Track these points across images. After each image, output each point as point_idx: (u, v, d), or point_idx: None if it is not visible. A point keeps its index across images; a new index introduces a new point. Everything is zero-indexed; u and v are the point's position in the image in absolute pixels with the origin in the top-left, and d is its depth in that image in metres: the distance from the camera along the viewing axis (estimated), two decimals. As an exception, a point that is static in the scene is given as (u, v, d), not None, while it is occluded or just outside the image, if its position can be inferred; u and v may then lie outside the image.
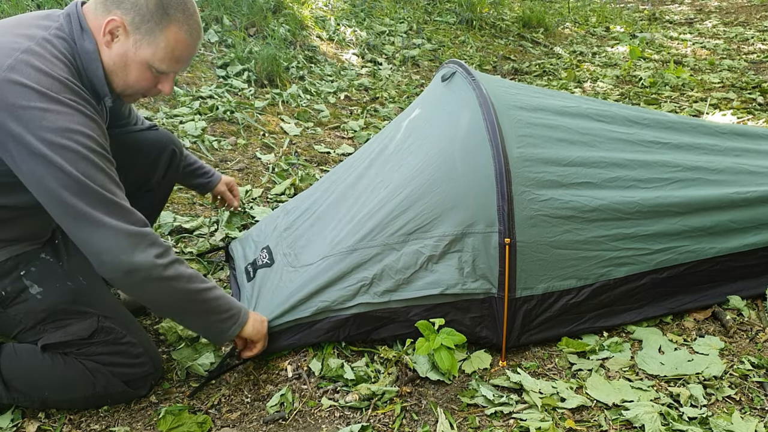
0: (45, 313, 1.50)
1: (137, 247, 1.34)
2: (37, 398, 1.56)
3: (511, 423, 1.58)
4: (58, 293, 1.51)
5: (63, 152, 1.27)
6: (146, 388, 1.64)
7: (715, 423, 1.53)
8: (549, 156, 1.80)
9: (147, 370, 1.62)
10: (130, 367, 1.59)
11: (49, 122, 1.26)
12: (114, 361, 1.56)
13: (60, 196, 1.29)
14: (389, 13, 6.33)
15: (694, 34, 7.11)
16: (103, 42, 1.39)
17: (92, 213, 1.31)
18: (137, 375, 1.60)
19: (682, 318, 2.00)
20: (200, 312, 1.51)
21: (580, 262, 1.80)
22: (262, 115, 3.71)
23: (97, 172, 1.32)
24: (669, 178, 1.91)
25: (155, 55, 1.41)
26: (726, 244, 1.94)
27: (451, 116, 1.91)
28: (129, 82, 1.44)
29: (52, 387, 1.55)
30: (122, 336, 1.57)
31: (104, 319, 1.55)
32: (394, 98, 4.43)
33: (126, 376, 1.59)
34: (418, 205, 1.77)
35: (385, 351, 1.77)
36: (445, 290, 1.73)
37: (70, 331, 1.52)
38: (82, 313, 1.53)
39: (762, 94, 4.42)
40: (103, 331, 1.55)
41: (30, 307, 1.49)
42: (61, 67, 1.33)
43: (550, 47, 6.36)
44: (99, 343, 1.55)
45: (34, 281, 1.49)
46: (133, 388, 1.61)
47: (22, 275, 1.48)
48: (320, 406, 1.65)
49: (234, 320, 1.57)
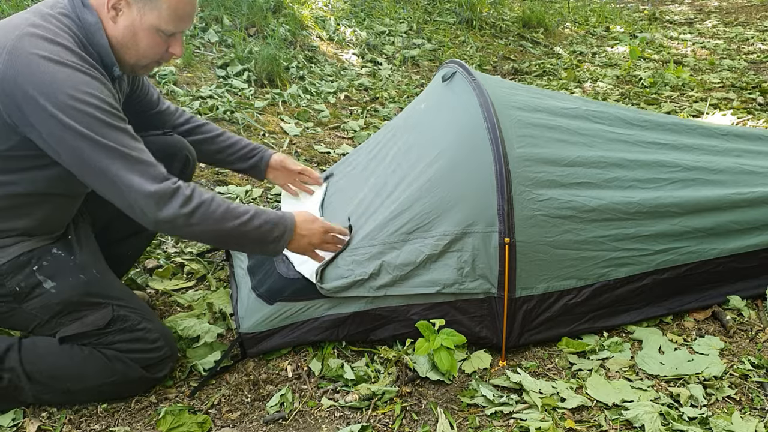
0: (60, 306, 1.54)
1: (160, 201, 1.40)
2: (59, 390, 1.58)
3: (511, 423, 1.58)
4: (72, 286, 1.54)
5: (76, 114, 1.33)
6: (165, 371, 1.67)
7: (715, 423, 1.53)
8: (549, 156, 1.80)
9: (164, 353, 1.64)
10: (148, 352, 1.61)
11: (60, 85, 1.32)
12: (132, 348, 1.59)
13: (81, 156, 1.36)
14: (389, 13, 6.33)
15: (694, 34, 7.12)
16: (108, 18, 1.45)
17: (114, 171, 1.37)
18: (154, 359, 1.63)
19: (682, 318, 2.00)
20: (242, 242, 1.57)
21: (580, 262, 1.80)
22: (262, 115, 3.71)
23: (111, 130, 1.37)
24: (668, 178, 1.91)
25: (161, 17, 1.46)
26: (727, 245, 1.94)
27: (452, 116, 1.92)
28: (141, 51, 1.50)
29: (72, 377, 1.58)
30: (138, 322, 1.60)
31: (119, 308, 1.59)
32: (394, 98, 4.43)
33: (144, 361, 1.61)
34: (418, 204, 1.77)
35: (385, 351, 1.78)
36: (442, 289, 1.73)
37: (87, 322, 1.56)
38: (96, 304, 1.57)
39: (762, 94, 4.42)
40: (119, 320, 1.58)
41: (45, 302, 1.52)
42: (66, 37, 1.39)
43: (550, 47, 6.36)
44: (116, 331, 1.58)
45: (48, 276, 1.52)
46: (152, 373, 1.63)
47: (35, 270, 1.51)
48: (320, 406, 1.65)
49: (280, 239, 1.59)
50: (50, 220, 1.57)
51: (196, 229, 1.46)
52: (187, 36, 4.56)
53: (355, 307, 1.76)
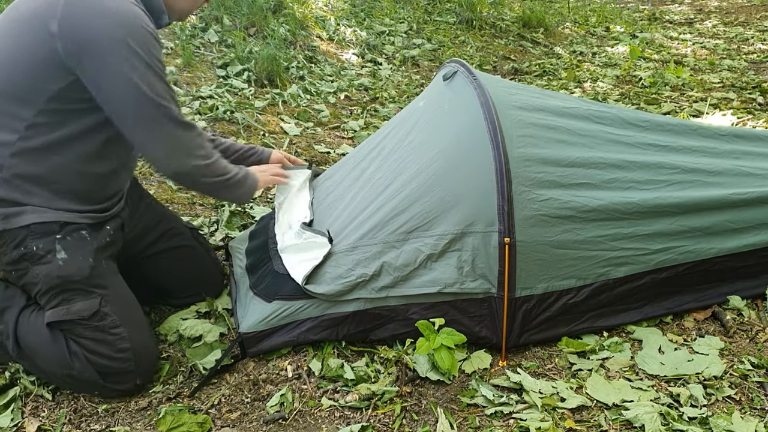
0: (59, 279, 1.56)
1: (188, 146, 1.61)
2: (32, 362, 1.63)
3: (511, 423, 1.58)
4: (78, 266, 1.57)
5: (133, 65, 1.43)
6: (125, 384, 1.63)
7: (715, 423, 1.53)
8: (549, 156, 1.81)
9: (126, 367, 1.61)
10: (108, 359, 1.59)
11: (120, 36, 1.41)
12: (94, 349, 1.59)
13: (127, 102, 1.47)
14: (389, 13, 6.33)
15: (694, 34, 7.12)
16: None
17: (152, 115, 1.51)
18: (113, 369, 1.60)
19: (682, 318, 2.01)
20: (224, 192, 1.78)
21: (580, 261, 1.80)
22: (262, 115, 3.71)
23: (158, 82, 1.50)
24: (667, 180, 1.91)
25: None
26: (725, 245, 1.94)
27: (452, 115, 1.92)
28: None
29: (40, 357, 1.62)
30: (114, 326, 1.60)
31: (105, 303, 1.60)
32: (394, 98, 4.43)
33: (102, 368, 1.60)
34: (418, 203, 1.77)
35: (385, 351, 1.78)
36: (443, 289, 1.73)
37: (72, 310, 1.57)
38: (89, 292, 1.59)
39: (762, 94, 4.43)
40: (97, 315, 1.59)
41: (49, 270, 1.55)
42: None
43: (550, 47, 6.36)
44: (89, 327, 1.58)
45: (64, 247, 1.56)
46: (107, 381, 1.61)
47: (57, 239, 1.55)
48: (320, 406, 1.65)
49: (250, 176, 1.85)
50: (95, 189, 1.62)
51: (203, 186, 1.72)
52: (187, 36, 4.56)
53: (354, 306, 1.76)
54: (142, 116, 1.50)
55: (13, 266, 1.56)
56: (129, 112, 1.49)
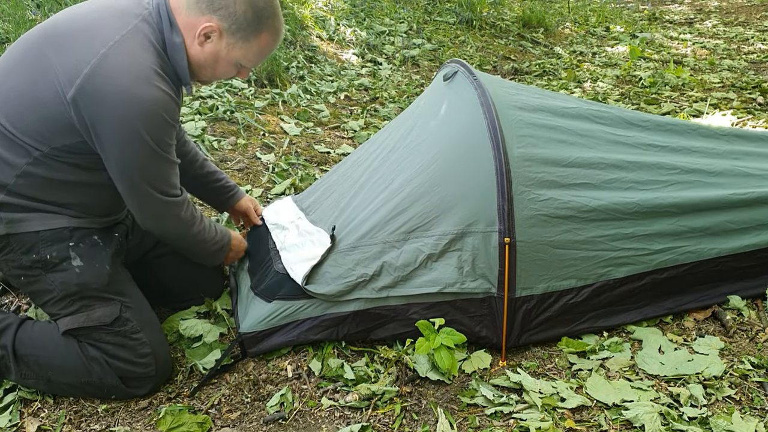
0: (78, 287, 1.55)
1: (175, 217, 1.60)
2: (42, 378, 1.60)
3: (511, 423, 1.58)
4: (96, 273, 1.57)
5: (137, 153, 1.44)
6: (144, 388, 1.65)
7: (715, 423, 1.53)
8: (549, 156, 1.81)
9: (148, 371, 1.63)
10: (130, 364, 1.60)
11: (133, 126, 1.39)
12: (117, 354, 1.59)
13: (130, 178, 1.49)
14: (389, 13, 6.33)
15: (694, 34, 7.12)
16: (195, 40, 1.50)
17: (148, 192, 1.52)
18: (135, 374, 1.61)
19: (682, 318, 2.00)
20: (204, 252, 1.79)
21: (580, 262, 1.80)
22: (262, 115, 3.71)
23: (161, 166, 1.51)
24: (667, 180, 1.91)
25: (246, 56, 1.55)
26: (726, 245, 1.94)
27: (453, 115, 1.92)
28: (216, 75, 1.60)
29: (54, 368, 1.59)
30: (135, 331, 1.61)
31: (125, 310, 1.61)
32: (394, 98, 4.43)
33: (124, 372, 1.60)
34: (418, 203, 1.77)
35: (385, 351, 1.78)
36: (444, 288, 1.73)
37: (93, 317, 1.57)
38: (108, 299, 1.59)
39: (762, 94, 4.43)
40: (119, 321, 1.59)
41: (66, 278, 1.55)
42: (149, 56, 1.44)
43: (550, 47, 6.36)
44: (111, 332, 1.59)
45: (79, 255, 1.56)
46: (129, 386, 1.62)
47: (71, 246, 1.55)
48: (320, 406, 1.65)
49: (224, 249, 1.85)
50: (99, 206, 1.62)
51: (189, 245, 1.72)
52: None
53: (354, 306, 1.76)
54: (135, 194, 1.52)
55: (24, 272, 1.54)
56: (124, 189, 1.52)
